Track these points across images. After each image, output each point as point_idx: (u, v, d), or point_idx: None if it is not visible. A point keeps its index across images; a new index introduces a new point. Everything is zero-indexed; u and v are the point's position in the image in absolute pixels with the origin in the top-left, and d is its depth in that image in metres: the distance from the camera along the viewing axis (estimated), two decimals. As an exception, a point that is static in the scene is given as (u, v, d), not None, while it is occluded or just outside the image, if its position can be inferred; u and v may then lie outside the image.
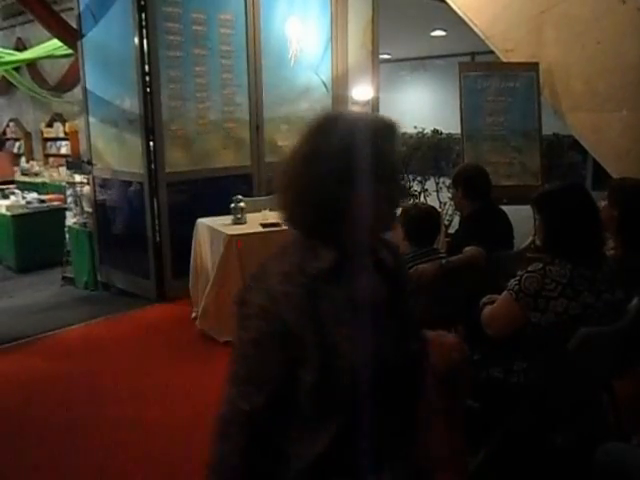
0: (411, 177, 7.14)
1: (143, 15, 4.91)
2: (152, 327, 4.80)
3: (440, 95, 15.31)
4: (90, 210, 5.86)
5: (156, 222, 5.23)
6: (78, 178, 6.08)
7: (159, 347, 4.41)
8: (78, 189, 6.06)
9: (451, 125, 7.77)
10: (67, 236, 6.08)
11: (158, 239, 5.26)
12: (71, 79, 8.04)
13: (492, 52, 12.68)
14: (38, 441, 3.20)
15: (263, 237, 4.48)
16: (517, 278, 2.27)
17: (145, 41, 4.95)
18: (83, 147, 7.00)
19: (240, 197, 4.72)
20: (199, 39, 5.27)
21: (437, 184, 7.08)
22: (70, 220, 6.05)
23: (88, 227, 5.85)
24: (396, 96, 12.64)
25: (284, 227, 4.19)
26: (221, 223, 4.64)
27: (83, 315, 5.03)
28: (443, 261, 2.93)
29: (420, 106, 14.61)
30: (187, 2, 5.15)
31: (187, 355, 4.25)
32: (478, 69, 5.51)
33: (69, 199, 6.23)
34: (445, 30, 10.91)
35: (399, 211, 3.20)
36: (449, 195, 7.16)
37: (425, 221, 3.08)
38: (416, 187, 7.05)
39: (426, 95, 15.29)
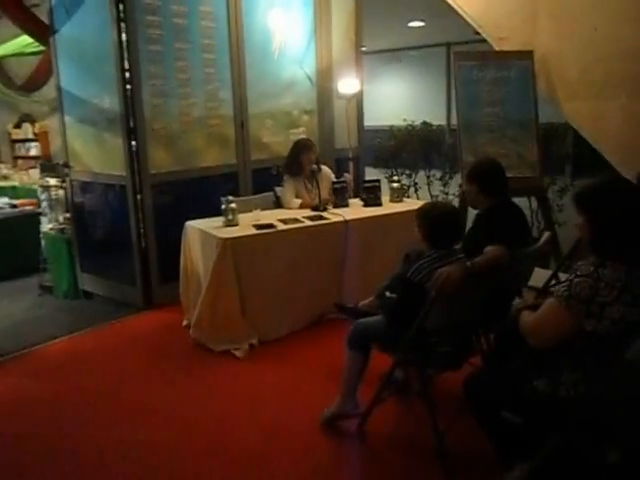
0: (399, 171, 6.99)
1: (121, 7, 4.63)
2: (142, 337, 4.54)
3: (415, 86, 15.27)
4: (68, 215, 5.57)
5: (141, 226, 4.97)
6: (53, 181, 5.78)
7: (151, 358, 4.17)
8: (53, 193, 5.76)
9: (427, 116, 7.68)
10: (43, 242, 5.78)
11: (144, 243, 5.00)
12: (40, 77, 7.67)
13: (467, 42, 12.71)
14: (27, 465, 2.98)
15: (257, 239, 4.27)
16: (566, 283, 2.09)
17: (124, 35, 4.67)
18: (54, 148, 6.70)
19: (231, 197, 4.50)
20: (180, 32, 5.01)
21: (428, 177, 6.93)
22: (46, 226, 5.75)
23: (66, 233, 5.56)
24: (372, 88, 12.51)
25: (279, 228, 4.03)
26: (212, 225, 4.42)
27: (66, 327, 4.75)
28: (468, 263, 2.75)
29: (396, 98, 14.52)
30: (166, -7, 4.88)
31: (181, 367, 4.01)
32: (473, 58, 5.32)
33: (44, 204, 5.93)
34: (423, 20, 10.78)
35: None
36: (441, 188, 7.05)
37: (445, 221, 2.90)
38: (405, 181, 6.89)
39: (401, 87, 15.18)
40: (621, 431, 2.14)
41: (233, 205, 4.43)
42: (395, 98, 14.54)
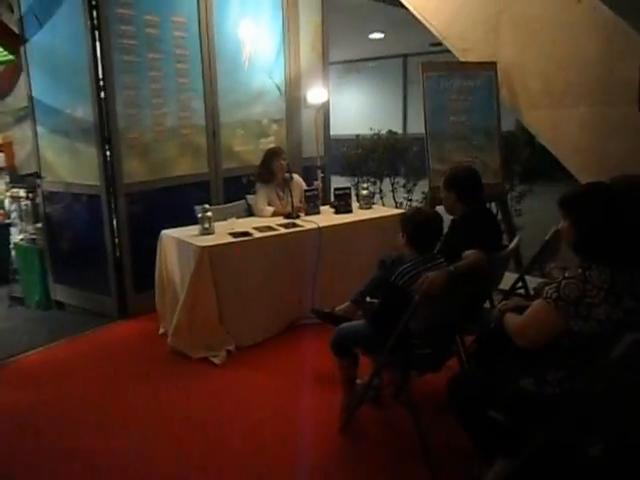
0: (365, 179, 7.14)
1: (95, 16, 4.65)
2: (119, 346, 4.55)
3: (374, 97, 15.51)
4: (39, 225, 5.54)
5: (115, 235, 4.98)
6: (23, 192, 5.73)
7: (130, 367, 4.18)
8: (23, 204, 5.72)
9: (384, 125, 7.86)
10: (13, 253, 5.72)
11: (118, 253, 5.01)
12: (4, 87, 7.55)
13: (424, 53, 12.99)
14: (7, 476, 2.99)
15: (234, 247, 4.34)
16: (554, 285, 2.18)
17: (98, 45, 4.69)
18: (20, 159, 6.62)
19: (207, 206, 4.56)
20: (153, 43, 5.04)
21: (392, 184, 7.09)
22: (16, 237, 5.69)
23: (38, 244, 5.53)
24: (331, 98, 12.67)
25: (255, 236, 4.12)
26: (188, 234, 4.47)
27: (41, 337, 4.71)
28: (451, 268, 2.87)
29: (354, 108, 14.71)
30: (139, 3, 4.90)
31: (161, 375, 4.04)
32: (439, 69, 5.50)
33: (13, 214, 5.87)
34: (383, 32, 11.00)
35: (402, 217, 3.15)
36: (405, 195, 7.22)
37: (429, 227, 3.01)
38: (371, 188, 7.03)
39: (360, 97, 15.40)
40: (604, 426, 2.25)
41: (209, 213, 4.49)
42: (353, 108, 14.74)
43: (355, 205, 5.38)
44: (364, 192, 5.47)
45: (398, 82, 15.05)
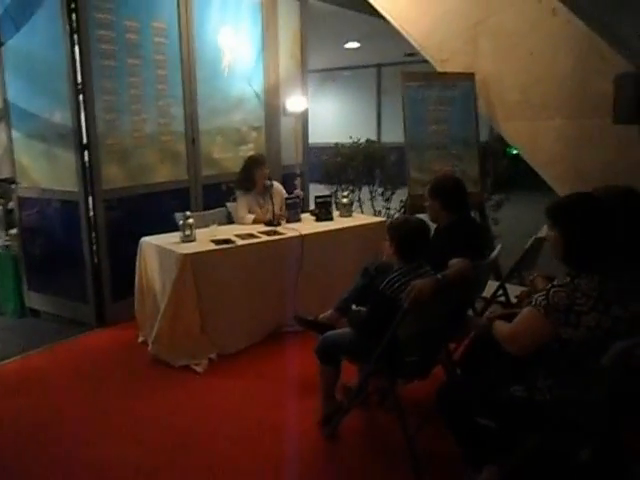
0: (343, 187, 7.17)
1: (74, 19, 4.60)
2: (98, 354, 4.46)
3: (349, 105, 15.59)
4: (14, 232, 5.43)
5: (93, 242, 4.91)
6: (-4, 198, 5.63)
7: (109, 376, 4.11)
8: (-3, 210, 5.61)
9: (359, 134, 7.91)
10: (-14, 260, 5.60)
11: (96, 260, 4.93)
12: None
13: (398, 63, 13.08)
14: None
15: (216, 255, 4.31)
16: (543, 293, 2.21)
17: (77, 49, 4.64)
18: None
19: (188, 213, 4.52)
20: (133, 48, 5.00)
21: (371, 193, 7.13)
22: (-11, 243, 5.58)
23: (12, 250, 5.42)
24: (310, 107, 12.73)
25: (238, 244, 4.10)
26: (169, 241, 4.43)
27: (17, 346, 4.59)
28: (439, 276, 2.89)
29: (331, 116, 14.77)
30: (119, 8, 4.86)
31: (142, 383, 3.98)
32: (419, 79, 5.55)
33: (-14, 221, 5.75)
34: (359, 42, 11.07)
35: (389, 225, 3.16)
36: (383, 204, 7.26)
37: (418, 237, 3.03)
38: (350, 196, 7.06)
39: (336, 106, 15.46)
40: (593, 432, 2.28)
41: (191, 220, 4.45)
42: (329, 117, 14.80)
43: (335, 213, 5.39)
44: (344, 200, 5.48)
45: (372, 91, 15.18)
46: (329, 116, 14.75)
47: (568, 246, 2.25)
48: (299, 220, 5.15)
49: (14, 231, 5.43)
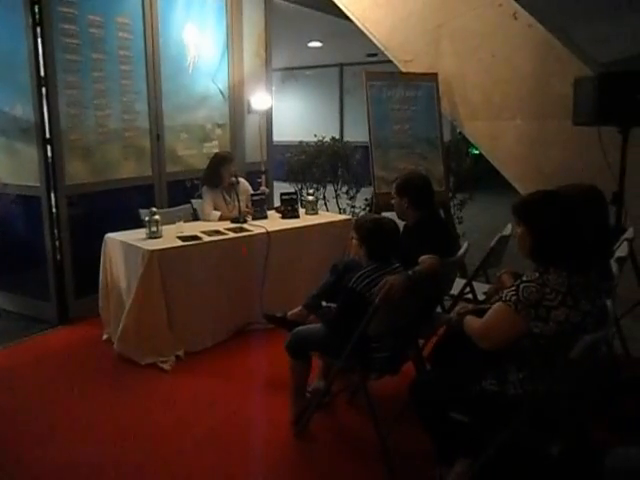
0: (308, 185, 7.19)
1: (37, 12, 4.51)
2: (62, 352, 4.39)
3: (311, 104, 15.62)
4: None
5: (56, 238, 4.83)
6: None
7: (75, 374, 4.05)
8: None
9: (322, 133, 7.96)
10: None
11: (59, 256, 4.85)
12: None
13: (358, 64, 13.18)
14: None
15: (183, 251, 4.29)
16: (513, 289, 2.25)
17: (40, 43, 4.56)
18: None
19: (154, 209, 4.48)
20: (97, 43, 4.93)
21: (336, 191, 7.17)
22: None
23: (-32, 246, 5.29)
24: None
25: (205, 240, 4.09)
26: (134, 237, 4.38)
27: (-25, 345, 4.51)
28: (410, 272, 2.92)
29: (293, 115, 14.76)
30: (83, 2, 4.79)
31: (107, 381, 3.94)
32: (382, 78, 5.61)
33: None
34: (321, 41, 11.10)
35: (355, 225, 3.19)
36: (348, 202, 7.31)
37: (390, 237, 3.06)
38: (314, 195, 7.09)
39: (299, 104, 15.46)
40: (563, 425, 2.33)
41: (157, 217, 4.42)
42: (292, 115, 14.79)
43: (301, 211, 5.40)
44: (310, 198, 5.50)
45: (335, 91, 15.24)
46: (291, 115, 14.73)
47: (535, 243, 2.30)
48: (265, 217, 5.15)
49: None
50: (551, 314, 2.18)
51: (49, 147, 4.71)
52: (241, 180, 5.24)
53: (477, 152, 6.90)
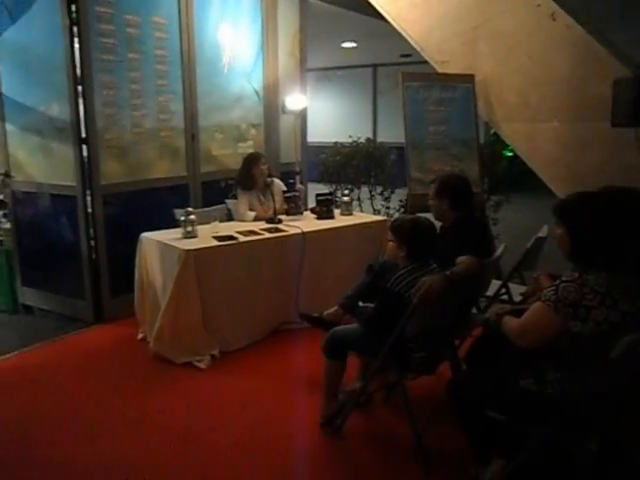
0: (343, 186, 7.13)
1: (74, 11, 4.53)
2: (98, 351, 4.39)
3: (345, 105, 15.57)
4: (7, 226, 5.35)
5: (91, 237, 4.84)
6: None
7: (111, 373, 4.04)
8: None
9: (355, 134, 7.89)
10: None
11: (94, 255, 4.86)
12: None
13: (392, 64, 13.09)
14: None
15: (219, 251, 4.26)
16: (552, 288, 2.23)
17: (77, 42, 4.57)
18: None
19: (190, 209, 4.47)
20: (133, 43, 4.94)
21: (370, 192, 7.10)
22: (-19, 238, 5.49)
23: (5, 245, 5.34)
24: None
25: (240, 240, 4.05)
26: (170, 237, 4.36)
27: (11, 343, 4.51)
28: (448, 272, 2.86)
29: (326, 115, 14.71)
30: (119, 2, 4.80)
31: (144, 380, 3.91)
32: (419, 79, 5.53)
33: (-21, 215, 5.66)
34: (355, 41, 11.05)
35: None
36: (382, 203, 7.24)
37: (429, 238, 3.02)
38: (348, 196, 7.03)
39: (332, 105, 15.41)
40: (600, 425, 2.28)
41: (193, 217, 4.40)
42: (325, 116, 14.76)
43: (336, 212, 5.35)
44: (345, 198, 5.44)
45: (368, 91, 15.18)
46: (324, 115, 14.70)
47: (574, 243, 2.28)
48: (301, 213, 5.13)
49: (8, 225, 5.34)
50: (590, 314, 2.16)
51: (85, 147, 4.72)
52: (275, 180, 5.20)
53: (510, 154, 6.79)
